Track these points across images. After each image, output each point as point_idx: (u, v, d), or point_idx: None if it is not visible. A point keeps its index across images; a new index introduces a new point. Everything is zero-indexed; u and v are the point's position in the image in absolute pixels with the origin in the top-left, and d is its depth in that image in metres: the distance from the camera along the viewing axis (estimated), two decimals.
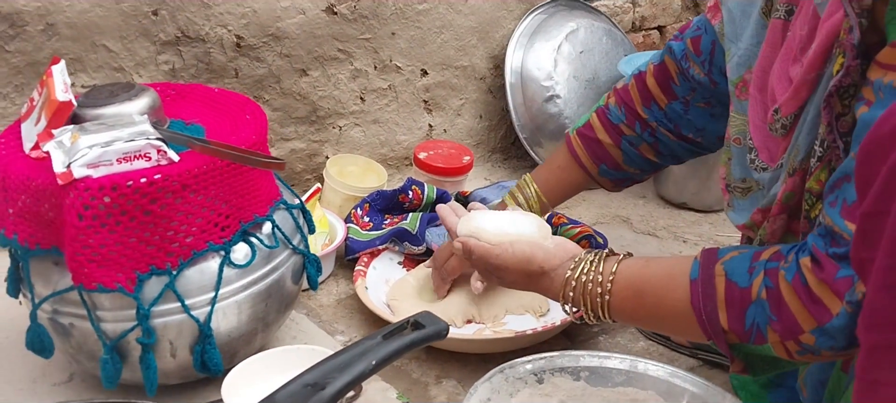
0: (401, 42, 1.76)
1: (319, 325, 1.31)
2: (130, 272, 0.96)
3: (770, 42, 0.95)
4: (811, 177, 0.83)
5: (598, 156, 1.27)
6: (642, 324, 1.03)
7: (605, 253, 0.98)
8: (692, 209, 1.79)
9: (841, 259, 0.74)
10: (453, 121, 1.93)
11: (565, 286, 0.97)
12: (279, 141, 1.68)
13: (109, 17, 1.41)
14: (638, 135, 1.23)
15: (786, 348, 0.80)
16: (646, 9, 2.19)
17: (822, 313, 0.76)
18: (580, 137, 1.28)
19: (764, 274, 0.81)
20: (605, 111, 1.27)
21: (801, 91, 0.85)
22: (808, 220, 0.85)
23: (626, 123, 1.24)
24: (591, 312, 0.97)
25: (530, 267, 0.98)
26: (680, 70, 1.18)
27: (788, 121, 0.88)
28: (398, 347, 0.81)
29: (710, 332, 0.86)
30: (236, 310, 1.04)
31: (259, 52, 1.57)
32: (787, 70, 0.89)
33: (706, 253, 0.89)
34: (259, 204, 1.05)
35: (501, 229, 1.03)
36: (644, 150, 1.25)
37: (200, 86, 1.21)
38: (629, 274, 0.94)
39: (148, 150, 0.96)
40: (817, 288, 0.76)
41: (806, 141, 0.85)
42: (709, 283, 0.85)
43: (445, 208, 1.15)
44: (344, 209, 1.56)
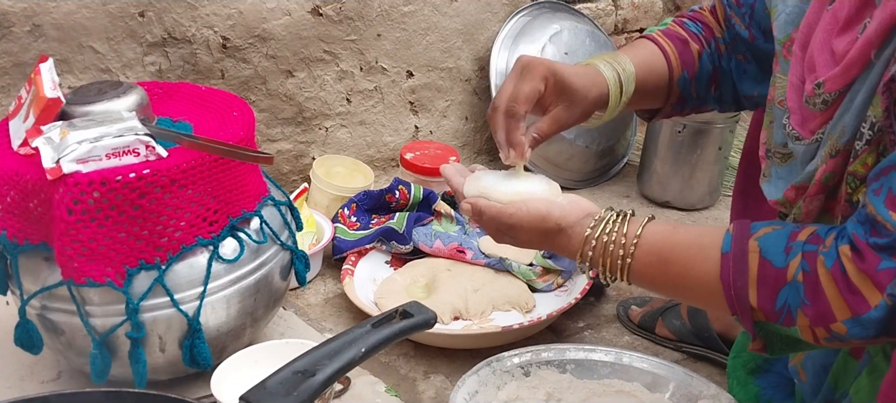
0: (386, 44, 1.77)
1: (308, 322, 1.32)
2: (120, 266, 0.96)
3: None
4: (856, 160, 0.80)
5: (686, 60, 1.10)
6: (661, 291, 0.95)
7: (628, 214, 0.92)
8: (675, 208, 1.81)
9: (882, 249, 0.72)
10: (439, 123, 1.95)
11: (584, 244, 0.91)
12: (266, 142, 1.68)
13: (96, 19, 1.42)
14: (711, 52, 1.10)
15: (814, 333, 0.78)
16: (628, 11, 2.21)
17: (860, 303, 0.74)
18: (671, 39, 1.11)
19: (802, 257, 0.78)
20: (682, 21, 1.13)
21: (852, 69, 0.81)
22: (849, 203, 0.82)
23: (704, 37, 1.11)
24: (608, 273, 0.91)
25: (546, 225, 0.92)
26: (726, 16, 1.10)
27: (831, 97, 0.83)
28: (387, 335, 0.81)
29: (736, 308, 0.83)
30: (225, 305, 1.04)
31: (245, 53, 1.58)
32: (829, 41, 0.86)
33: (739, 226, 0.85)
34: (247, 200, 1.06)
35: (511, 188, 0.96)
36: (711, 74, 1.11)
37: (188, 85, 1.21)
38: (655, 239, 0.89)
39: (137, 146, 0.96)
40: (857, 279, 0.74)
41: (853, 122, 0.81)
42: (741, 258, 0.82)
43: (450, 168, 1.05)
44: (331, 209, 1.57)
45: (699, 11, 1.14)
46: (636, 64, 1.06)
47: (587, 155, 1.90)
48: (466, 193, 0.99)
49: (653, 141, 1.81)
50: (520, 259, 1.45)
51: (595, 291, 1.45)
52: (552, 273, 1.45)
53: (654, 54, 1.09)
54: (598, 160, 1.94)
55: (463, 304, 1.35)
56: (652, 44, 1.10)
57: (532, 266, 1.45)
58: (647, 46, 1.10)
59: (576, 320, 1.40)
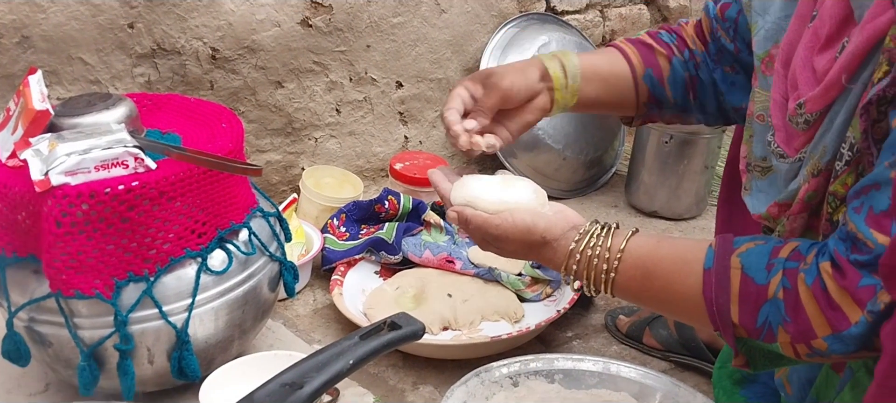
0: (376, 55, 1.78)
1: (296, 334, 1.32)
2: (108, 278, 0.96)
3: (800, 14, 0.92)
4: (837, 180, 0.81)
5: (648, 60, 1.13)
6: (644, 304, 0.96)
7: (613, 226, 0.93)
8: (663, 217, 1.82)
9: (863, 266, 0.72)
10: (429, 133, 1.95)
11: (569, 258, 0.92)
12: (255, 153, 1.69)
13: (85, 31, 1.42)
14: (685, 61, 1.13)
15: (795, 349, 0.79)
16: (615, 23, 2.23)
17: (840, 320, 0.74)
18: (632, 42, 1.15)
19: (783, 274, 0.79)
20: (657, 33, 1.17)
21: (832, 90, 0.82)
22: (830, 223, 0.83)
23: (676, 45, 1.14)
24: (592, 286, 0.92)
25: (532, 237, 0.93)
26: (711, 29, 1.12)
27: (812, 117, 0.85)
28: (375, 347, 0.82)
29: (718, 324, 0.83)
30: (213, 317, 1.04)
31: (234, 64, 1.58)
32: (810, 58, 0.87)
33: (722, 242, 0.85)
34: (236, 212, 1.06)
35: (498, 197, 0.96)
36: (687, 81, 1.14)
37: (177, 97, 1.22)
38: (639, 253, 0.90)
39: (125, 158, 0.97)
40: (837, 296, 0.74)
41: (833, 142, 0.82)
42: (723, 275, 0.82)
43: (437, 173, 1.05)
44: (320, 220, 1.57)
45: (679, 26, 1.16)
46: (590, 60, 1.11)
47: (575, 165, 1.91)
48: (453, 200, 0.99)
49: (640, 151, 1.82)
50: (508, 269, 1.46)
51: (583, 301, 1.46)
52: (541, 283, 1.46)
53: (613, 54, 1.13)
54: (586, 170, 1.95)
55: (452, 314, 1.36)
56: (612, 48, 1.14)
57: (521, 276, 1.46)
58: (606, 50, 1.15)
59: (564, 330, 1.41)
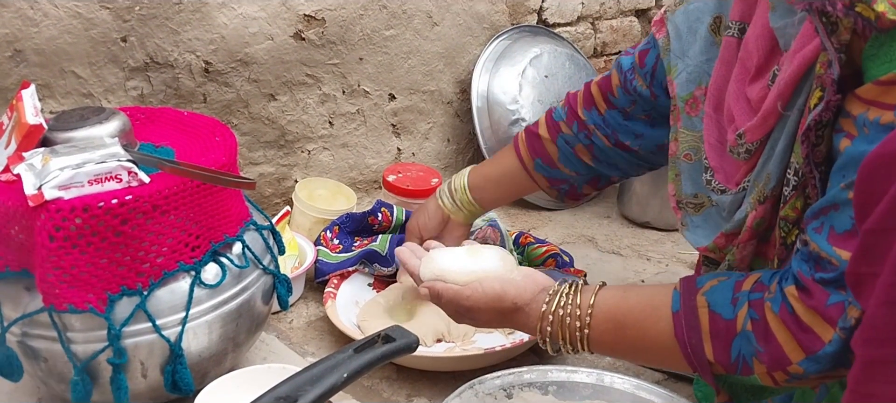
0: (368, 67, 1.79)
1: (290, 346, 1.32)
2: (101, 292, 0.96)
3: (723, 59, 0.96)
4: (787, 205, 0.83)
5: (536, 149, 1.27)
6: (623, 356, 0.99)
7: (580, 283, 0.96)
8: (655, 228, 1.83)
9: (829, 284, 0.74)
10: (421, 145, 1.96)
11: (542, 320, 0.94)
12: (248, 165, 1.69)
13: (78, 44, 1.42)
14: (574, 134, 1.23)
15: (773, 378, 0.80)
16: (607, 35, 2.25)
17: (813, 341, 0.75)
18: (525, 132, 1.30)
19: (748, 306, 0.81)
20: (552, 111, 1.29)
21: (769, 119, 0.85)
22: (784, 246, 0.85)
23: (565, 122, 1.24)
24: (569, 345, 0.94)
25: (503, 305, 0.96)
26: (621, 83, 1.18)
27: (753, 146, 0.88)
28: (369, 360, 0.82)
29: (695, 364, 0.85)
30: (207, 330, 1.04)
31: (227, 77, 1.59)
32: (743, 90, 0.90)
33: (686, 283, 0.88)
34: (229, 225, 1.07)
35: (466, 268, 0.99)
36: (579, 151, 1.24)
37: (170, 110, 1.22)
38: (608, 306, 0.92)
39: (119, 172, 0.97)
40: (807, 317, 0.75)
41: (777, 169, 0.85)
42: (692, 315, 0.84)
43: (404, 251, 1.11)
44: (313, 232, 1.57)
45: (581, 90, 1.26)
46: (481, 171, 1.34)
47: None
48: (423, 276, 1.03)
49: None
50: None
51: None
52: None
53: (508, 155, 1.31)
54: None
55: (446, 326, 1.36)
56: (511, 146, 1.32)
57: None
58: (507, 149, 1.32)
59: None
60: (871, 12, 0.69)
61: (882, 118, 0.70)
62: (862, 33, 0.72)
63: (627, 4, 2.26)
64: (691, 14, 1.03)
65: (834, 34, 0.74)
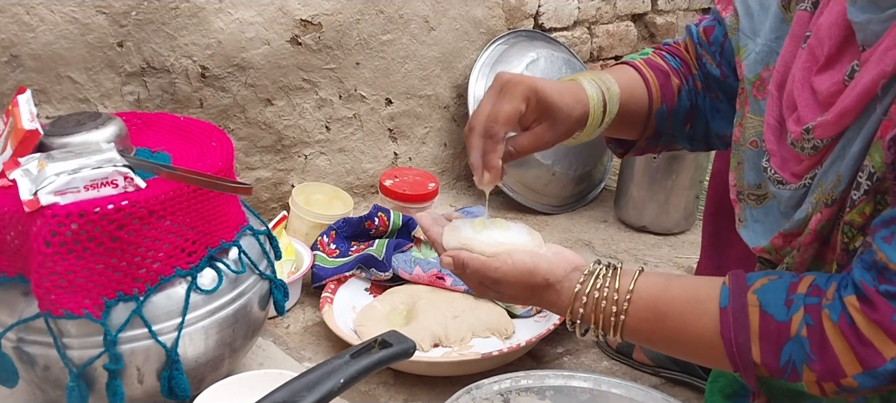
0: (365, 72, 1.79)
1: (287, 352, 1.32)
2: (97, 298, 0.96)
3: (794, 35, 0.88)
4: (854, 209, 0.77)
5: (667, 95, 1.05)
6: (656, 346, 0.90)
7: (618, 266, 0.88)
8: (652, 232, 1.83)
9: (894, 298, 0.70)
10: (418, 150, 1.96)
11: (574, 300, 0.87)
12: (244, 170, 1.69)
13: (74, 49, 1.42)
14: (689, 89, 1.06)
15: (822, 387, 0.76)
16: (603, 39, 2.25)
17: (873, 356, 0.71)
18: (649, 68, 1.04)
19: (804, 310, 0.76)
20: (661, 54, 1.08)
21: (846, 118, 0.79)
22: (846, 252, 0.80)
23: (683, 73, 1.07)
24: (601, 329, 0.87)
25: (534, 280, 0.88)
26: (697, 54, 1.07)
27: (822, 143, 0.81)
28: (366, 365, 0.81)
29: (739, 364, 0.80)
30: (203, 336, 1.04)
31: (224, 82, 1.59)
32: (808, 79, 0.84)
33: (735, 279, 0.82)
34: (225, 230, 1.06)
35: (493, 239, 0.91)
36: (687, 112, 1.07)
37: (166, 115, 1.22)
38: (649, 293, 0.85)
39: (115, 177, 0.96)
40: (868, 330, 0.71)
41: (849, 171, 0.79)
42: (741, 313, 0.79)
43: (426, 217, 0.99)
44: (310, 237, 1.57)
45: (675, 45, 1.11)
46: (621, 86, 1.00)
47: (564, 180, 1.92)
48: (446, 245, 0.94)
49: (629, 166, 1.83)
50: None
51: None
52: None
53: (636, 81, 1.03)
54: (576, 185, 1.96)
55: (443, 331, 1.36)
56: (634, 70, 1.04)
57: None
58: (628, 72, 1.04)
59: (555, 346, 1.41)
60: None
61: None
62: None
63: (624, 9, 2.27)
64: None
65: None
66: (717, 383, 1.13)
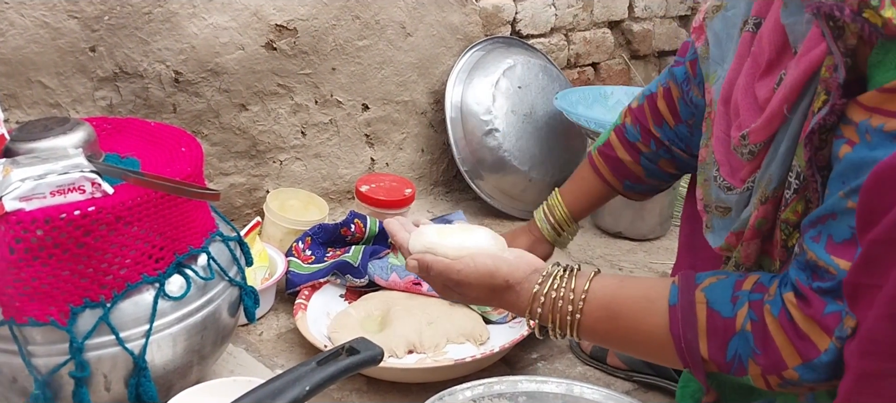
0: (341, 77, 1.78)
1: (258, 359, 1.31)
2: (63, 305, 0.95)
3: (738, 54, 0.94)
4: (787, 208, 0.82)
5: (622, 173, 1.26)
6: (613, 345, 0.96)
7: (575, 268, 0.94)
8: (627, 238, 1.84)
9: (826, 293, 0.73)
10: (395, 155, 1.96)
11: (533, 301, 0.92)
12: (218, 175, 1.68)
13: (45, 54, 1.41)
14: (654, 151, 1.23)
15: (766, 381, 0.79)
16: (580, 46, 2.26)
17: (809, 349, 0.74)
18: (602, 156, 1.28)
19: (748, 306, 0.80)
20: (623, 129, 1.26)
21: (774, 121, 0.84)
22: (785, 248, 0.84)
23: (641, 141, 1.23)
24: (558, 329, 0.92)
25: (494, 281, 0.93)
26: (682, 94, 1.17)
27: (757, 147, 0.86)
28: (333, 372, 0.81)
29: (688, 360, 0.83)
30: (171, 343, 1.03)
31: (198, 87, 1.58)
32: (751, 85, 0.89)
33: (684, 278, 0.86)
34: (194, 236, 1.06)
35: (457, 243, 0.96)
36: (663, 165, 1.24)
37: (137, 120, 1.21)
38: (603, 293, 0.90)
39: (82, 183, 0.96)
40: (804, 324, 0.75)
41: (779, 171, 0.84)
42: (689, 310, 0.83)
43: (394, 223, 1.06)
44: (285, 243, 1.56)
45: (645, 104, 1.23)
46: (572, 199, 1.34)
47: (541, 186, 1.92)
48: (412, 249, 0.99)
49: None
50: None
51: None
52: None
53: (593, 179, 1.31)
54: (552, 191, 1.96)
55: (417, 337, 1.35)
56: (590, 168, 1.31)
57: None
58: (585, 173, 1.32)
59: (529, 351, 1.41)
60: (879, 19, 0.68)
61: (886, 125, 0.69)
62: (868, 39, 0.71)
63: (600, 16, 2.28)
64: (729, 20, 1.00)
65: (840, 38, 0.73)
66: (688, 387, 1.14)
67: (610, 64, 2.37)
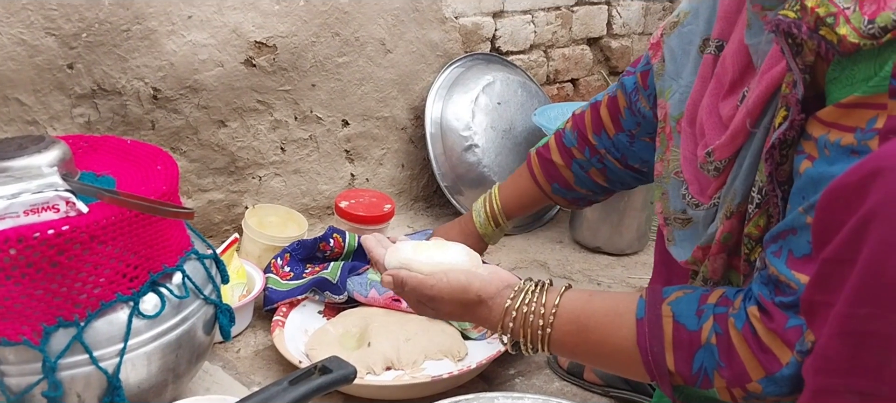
0: (321, 93, 1.79)
1: (235, 377, 1.31)
2: (36, 324, 0.94)
3: (701, 76, 0.97)
4: (750, 222, 0.84)
5: (552, 175, 1.32)
6: (583, 359, 0.97)
7: (546, 283, 0.95)
8: (605, 253, 1.85)
9: (788, 307, 0.75)
10: (375, 171, 1.96)
11: (505, 316, 0.94)
12: (197, 192, 1.67)
13: (22, 71, 1.40)
14: (587, 159, 1.27)
15: (731, 393, 0.80)
16: (559, 63, 2.28)
17: (772, 362, 0.76)
18: (538, 157, 1.34)
19: (713, 320, 0.81)
20: (562, 134, 1.32)
21: (738, 138, 0.86)
22: (748, 262, 0.86)
23: (577, 147, 1.28)
24: (530, 344, 0.93)
25: (467, 297, 0.95)
26: (628, 104, 1.20)
27: (722, 164, 0.89)
28: (305, 392, 0.82)
29: (655, 373, 0.85)
30: (146, 361, 1.03)
31: (176, 104, 1.58)
32: (716, 105, 0.91)
33: (651, 292, 0.88)
34: (169, 255, 1.06)
35: (431, 259, 0.98)
36: (593, 174, 1.29)
37: (113, 138, 1.21)
38: (572, 307, 0.92)
39: (57, 202, 0.96)
40: (767, 338, 0.76)
41: (743, 186, 0.86)
42: (656, 323, 0.84)
43: (371, 239, 1.09)
44: (263, 259, 1.56)
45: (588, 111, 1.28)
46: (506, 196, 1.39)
47: None
48: (387, 265, 1.01)
49: None
50: None
51: None
52: None
53: (526, 179, 1.37)
54: None
55: (395, 354, 1.36)
56: (526, 169, 1.37)
57: None
58: (522, 172, 1.38)
59: (507, 367, 1.41)
60: (834, 36, 0.70)
61: (843, 140, 0.71)
62: (825, 56, 0.73)
63: (579, 33, 2.30)
64: (685, 36, 1.03)
65: (799, 55, 0.75)
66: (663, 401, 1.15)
67: (589, 80, 2.39)
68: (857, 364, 0.63)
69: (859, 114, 0.70)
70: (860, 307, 0.62)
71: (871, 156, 0.62)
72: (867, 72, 0.69)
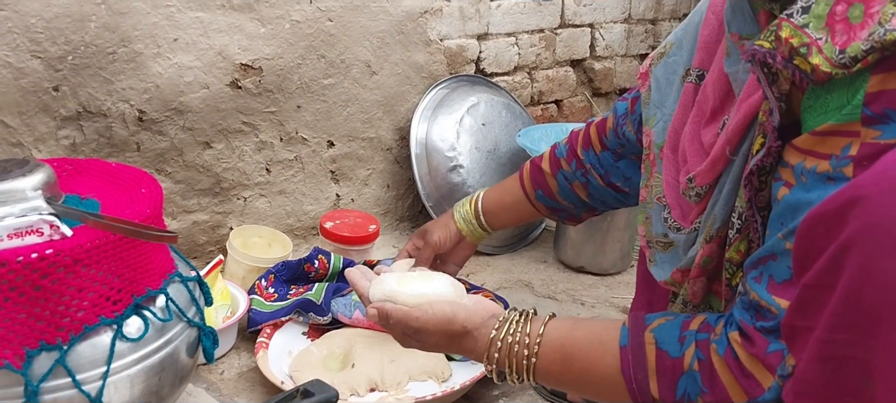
0: (306, 115, 1.80)
1: (219, 399, 1.30)
2: (19, 348, 0.94)
3: (682, 104, 1.00)
4: (730, 247, 0.86)
5: (538, 182, 1.34)
6: (568, 388, 0.98)
7: (530, 312, 0.96)
8: (589, 272, 1.86)
9: (769, 332, 0.76)
10: (361, 191, 1.97)
11: (490, 346, 0.94)
12: (181, 213, 1.68)
13: (7, 93, 1.41)
14: (572, 171, 1.30)
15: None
16: (543, 84, 2.30)
17: (754, 387, 0.77)
18: (530, 163, 1.38)
19: (695, 346, 0.82)
20: (556, 147, 1.35)
21: (718, 164, 0.88)
22: (729, 287, 0.87)
23: (566, 159, 1.31)
24: (515, 374, 0.94)
25: (452, 328, 0.95)
26: (614, 126, 1.24)
27: (703, 190, 0.91)
28: None
29: (639, 400, 0.86)
30: (129, 385, 1.03)
31: (161, 125, 1.58)
32: (698, 132, 0.94)
33: (634, 319, 0.89)
34: (152, 278, 1.06)
35: (416, 290, 0.99)
36: (576, 188, 1.31)
37: (98, 161, 1.21)
38: (556, 336, 0.92)
39: (40, 225, 0.96)
40: (749, 363, 0.77)
41: (722, 211, 0.88)
42: (639, 351, 0.85)
43: (355, 272, 1.09)
44: (248, 281, 1.56)
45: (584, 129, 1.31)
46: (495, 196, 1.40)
47: None
48: (372, 297, 1.01)
49: None
50: None
51: None
52: None
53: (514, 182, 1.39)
54: (516, 227, 1.99)
55: (379, 376, 1.36)
56: (516, 174, 1.39)
57: None
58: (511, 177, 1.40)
59: (491, 388, 1.42)
60: (808, 65, 0.72)
61: (819, 167, 0.73)
62: (800, 85, 0.75)
63: (562, 55, 2.32)
64: (670, 66, 1.06)
65: (775, 84, 0.77)
66: None
67: (572, 101, 2.41)
68: (835, 389, 0.64)
69: (834, 142, 0.72)
70: (839, 332, 0.63)
71: (850, 185, 0.63)
72: (840, 101, 0.71)
